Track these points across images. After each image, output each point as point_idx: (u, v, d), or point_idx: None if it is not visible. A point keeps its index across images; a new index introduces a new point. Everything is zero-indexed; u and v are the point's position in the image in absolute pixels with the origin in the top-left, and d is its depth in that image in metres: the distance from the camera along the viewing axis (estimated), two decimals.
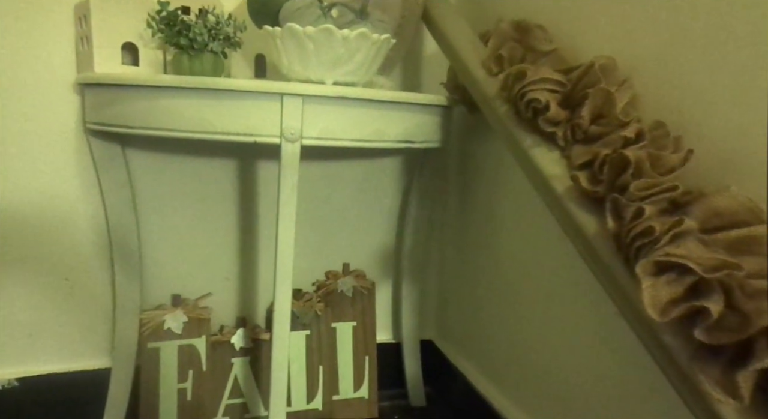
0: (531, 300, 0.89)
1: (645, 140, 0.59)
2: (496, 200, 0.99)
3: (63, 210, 0.93)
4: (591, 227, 0.60)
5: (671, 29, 0.62)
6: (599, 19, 0.73)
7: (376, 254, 1.16)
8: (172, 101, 0.73)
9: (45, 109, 0.88)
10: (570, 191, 0.64)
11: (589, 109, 0.64)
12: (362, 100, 0.79)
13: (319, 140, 0.78)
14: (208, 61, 0.80)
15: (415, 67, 1.11)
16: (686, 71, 0.60)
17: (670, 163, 0.54)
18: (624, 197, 0.55)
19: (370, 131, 0.82)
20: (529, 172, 0.71)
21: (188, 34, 0.77)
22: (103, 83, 0.77)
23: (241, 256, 1.06)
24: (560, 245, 0.81)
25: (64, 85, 0.87)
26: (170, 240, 1.01)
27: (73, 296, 0.96)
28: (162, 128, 0.74)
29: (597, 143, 0.64)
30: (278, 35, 0.76)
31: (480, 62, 0.81)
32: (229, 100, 0.74)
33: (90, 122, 0.82)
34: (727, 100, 0.55)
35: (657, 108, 0.63)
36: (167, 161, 0.98)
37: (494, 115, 0.77)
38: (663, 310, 0.46)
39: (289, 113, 0.75)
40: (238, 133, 0.75)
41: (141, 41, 0.83)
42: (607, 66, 0.66)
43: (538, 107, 0.68)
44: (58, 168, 0.91)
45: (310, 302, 1.07)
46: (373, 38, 0.78)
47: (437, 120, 0.91)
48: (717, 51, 0.56)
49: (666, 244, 0.48)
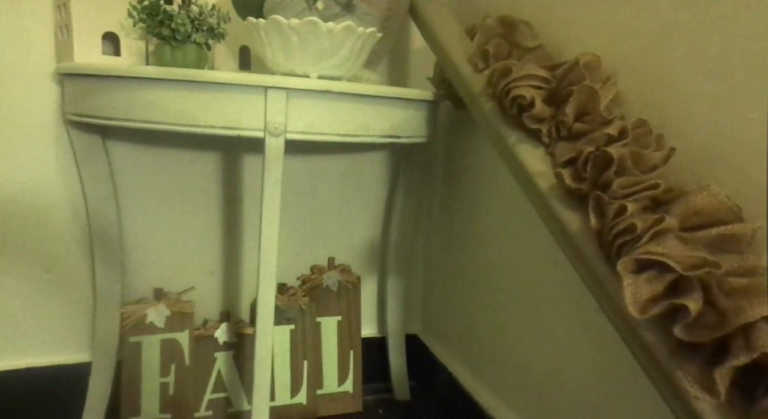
0: (515, 295, 0.90)
1: (628, 137, 0.59)
2: (481, 195, 0.99)
3: (43, 202, 0.91)
4: (574, 224, 0.60)
5: (654, 28, 0.62)
6: (584, 16, 0.73)
7: (361, 249, 1.15)
8: (154, 93, 0.72)
9: (23, 99, 0.86)
10: (554, 189, 0.64)
11: (573, 106, 0.64)
12: (348, 94, 0.79)
13: (304, 135, 0.78)
14: (191, 52, 0.79)
15: (402, 61, 1.11)
16: (668, 69, 0.60)
17: (652, 161, 0.55)
18: (607, 195, 0.55)
19: (355, 125, 0.81)
20: (514, 169, 0.71)
21: (171, 25, 0.76)
22: (83, 73, 0.75)
23: (225, 250, 1.05)
24: (545, 240, 0.81)
25: (43, 74, 0.86)
26: (153, 233, 1.00)
27: (53, 289, 0.95)
28: (144, 121, 0.73)
29: (581, 140, 0.64)
30: (262, 27, 0.75)
31: (466, 58, 0.81)
32: (212, 92, 0.72)
33: (70, 113, 0.81)
34: (708, 99, 0.56)
35: (640, 106, 0.64)
36: (149, 153, 0.96)
37: (480, 111, 0.77)
38: (643, 307, 0.46)
39: (273, 107, 0.75)
40: (222, 126, 0.74)
41: (122, 31, 0.81)
42: (591, 63, 0.66)
43: (523, 103, 0.68)
44: (38, 160, 0.89)
45: (295, 296, 1.07)
46: (358, 32, 0.77)
47: (423, 115, 0.90)
48: (698, 50, 0.56)
49: (647, 242, 0.49)
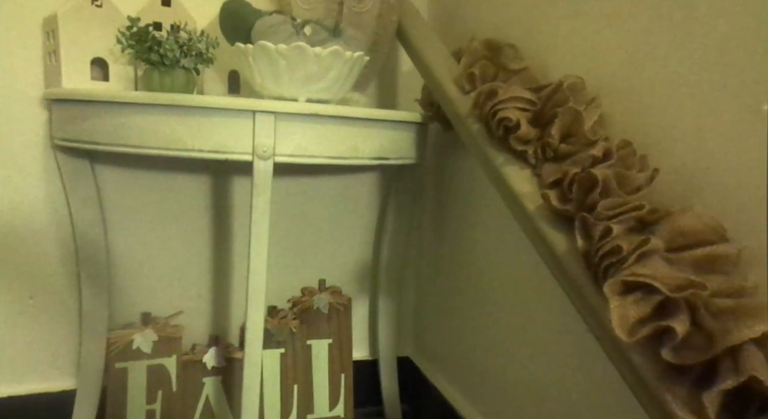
0: (507, 317, 0.89)
1: (613, 158, 0.60)
2: (471, 215, 0.99)
3: (29, 227, 0.90)
4: (561, 245, 0.60)
5: (636, 49, 0.63)
6: (567, 38, 0.74)
7: (352, 270, 1.15)
8: (143, 118, 0.72)
9: (11, 123, 0.86)
10: (541, 210, 0.64)
11: (559, 127, 0.65)
12: (336, 117, 0.79)
13: (292, 157, 0.78)
14: (180, 77, 0.79)
15: (390, 83, 1.12)
16: (650, 91, 0.61)
17: (636, 182, 0.55)
18: (592, 216, 0.55)
19: (344, 148, 0.82)
20: (501, 190, 0.72)
21: (159, 50, 0.76)
22: (71, 99, 0.76)
23: (214, 272, 1.04)
24: (535, 261, 0.81)
25: (31, 100, 0.86)
26: (140, 257, 0.99)
27: (38, 315, 0.93)
28: (132, 145, 0.73)
29: (567, 161, 0.65)
30: (250, 53, 0.76)
31: (453, 80, 0.82)
32: (200, 117, 0.73)
33: (58, 138, 0.80)
34: (690, 119, 0.57)
35: (624, 127, 0.64)
36: (137, 177, 0.96)
37: (467, 132, 0.77)
38: (631, 330, 0.46)
39: (261, 131, 0.75)
40: (210, 150, 0.74)
41: (111, 56, 0.82)
42: (575, 85, 0.67)
43: (509, 125, 0.68)
44: (25, 184, 0.88)
45: (285, 319, 1.06)
46: (346, 56, 0.78)
47: (412, 137, 0.91)
48: (679, 71, 0.57)
49: (633, 263, 0.49)
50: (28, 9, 0.83)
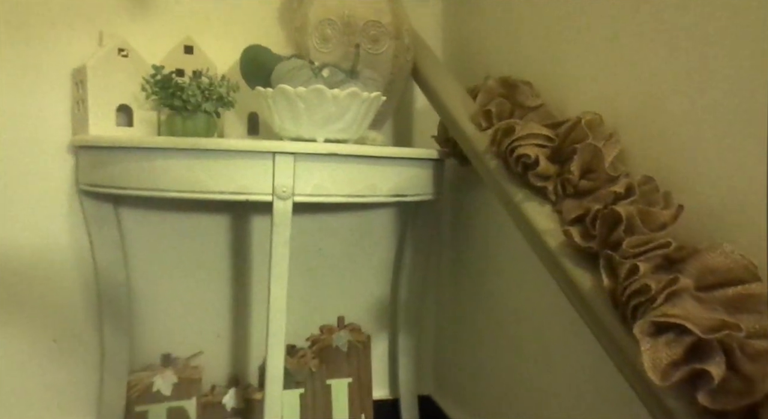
0: (530, 354, 0.87)
1: (635, 194, 0.59)
2: (490, 250, 0.99)
3: (54, 270, 0.91)
4: (586, 283, 0.59)
5: (653, 83, 0.63)
6: (583, 74, 0.75)
7: (371, 307, 1.14)
8: (165, 162, 0.74)
9: (39, 169, 0.88)
10: (563, 246, 0.63)
11: (578, 164, 0.64)
12: (354, 156, 0.80)
13: (312, 197, 0.79)
14: (202, 121, 0.81)
15: (406, 120, 1.13)
16: (669, 125, 0.61)
17: (661, 219, 0.54)
18: (617, 254, 0.55)
19: (362, 186, 0.82)
20: (521, 226, 0.71)
21: (182, 96, 0.79)
22: (96, 145, 0.78)
23: (234, 312, 1.04)
24: (557, 296, 0.80)
25: (59, 146, 0.88)
26: (161, 297, 0.99)
27: (61, 357, 0.94)
28: (155, 189, 0.74)
29: (587, 197, 0.64)
30: (270, 96, 0.77)
31: (469, 117, 0.83)
32: (221, 159, 0.74)
33: (83, 183, 0.82)
34: (712, 153, 0.56)
35: (644, 162, 0.64)
36: (159, 218, 0.97)
37: (485, 169, 0.78)
38: (664, 373, 0.45)
39: (281, 171, 0.76)
40: (231, 191, 0.75)
41: (136, 103, 0.84)
42: (593, 121, 0.67)
43: (528, 162, 0.68)
44: (50, 228, 0.90)
45: (304, 358, 1.05)
46: (363, 96, 0.79)
47: (429, 173, 0.91)
48: (698, 104, 0.57)
49: (662, 303, 0.48)
50: (58, 61, 0.86)
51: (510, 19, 0.91)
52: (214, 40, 0.93)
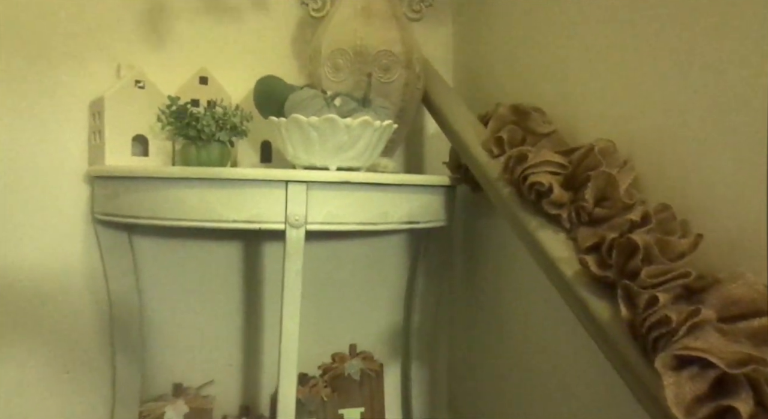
0: (546, 383, 0.85)
1: (651, 223, 0.58)
2: (504, 276, 0.97)
3: (67, 299, 0.92)
4: (604, 313, 0.58)
5: (668, 111, 0.63)
6: (595, 100, 0.75)
7: (383, 335, 1.13)
8: (179, 191, 0.74)
9: (55, 198, 0.89)
10: (579, 275, 0.62)
11: (592, 191, 0.64)
12: (366, 184, 0.80)
13: (324, 225, 0.79)
14: (216, 150, 0.82)
15: (418, 147, 1.14)
16: (685, 151, 0.61)
17: (679, 248, 0.53)
18: (635, 284, 0.54)
19: (374, 213, 0.82)
20: (536, 254, 0.71)
21: (197, 126, 0.80)
22: (112, 176, 0.79)
23: (245, 340, 1.04)
24: (574, 325, 0.78)
25: (75, 175, 0.89)
26: (173, 326, 0.99)
27: (74, 388, 0.93)
28: (169, 218, 0.75)
29: (603, 225, 0.64)
30: (283, 125, 0.78)
31: (480, 144, 0.83)
32: (234, 188, 0.74)
33: (99, 213, 0.83)
34: (730, 179, 0.56)
35: (660, 190, 0.63)
36: (172, 247, 0.98)
37: (498, 196, 0.77)
38: (688, 409, 0.43)
39: (293, 199, 0.76)
40: (244, 220, 0.75)
41: (151, 133, 0.85)
42: (606, 149, 0.67)
43: (541, 189, 0.68)
44: (64, 257, 0.90)
45: (316, 387, 1.03)
46: (375, 125, 0.80)
47: (441, 200, 0.91)
48: (713, 129, 0.57)
49: (684, 336, 0.47)
50: (77, 91, 0.88)
51: (520, 46, 0.92)
52: (228, 71, 0.95)
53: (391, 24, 0.90)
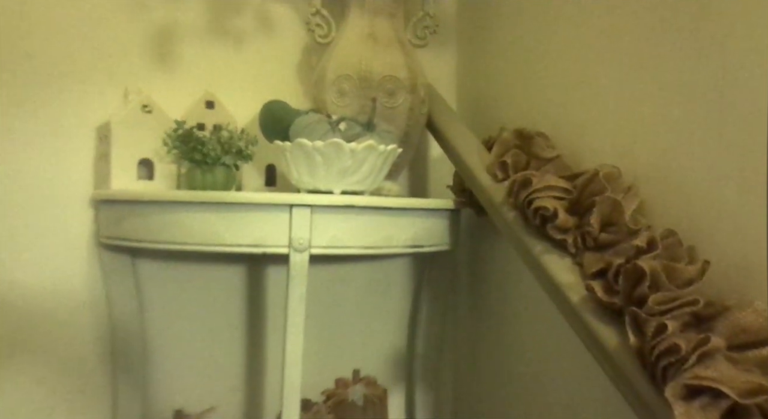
0: (553, 408, 0.84)
1: (657, 248, 0.58)
2: (509, 301, 0.97)
3: (69, 323, 0.91)
4: (611, 340, 0.57)
5: (672, 137, 0.63)
6: (599, 125, 0.75)
7: (387, 360, 1.11)
8: (184, 215, 0.74)
9: (60, 221, 0.89)
10: (586, 301, 0.62)
11: (597, 217, 0.64)
12: (370, 207, 0.80)
13: (328, 249, 0.78)
14: (221, 174, 0.82)
15: (422, 170, 1.14)
16: (689, 176, 0.61)
17: (686, 275, 0.53)
18: (643, 311, 0.53)
19: (378, 237, 0.82)
20: (541, 279, 0.70)
21: (202, 150, 0.80)
22: (117, 200, 0.79)
23: (248, 365, 1.02)
24: (580, 350, 0.77)
25: (80, 199, 0.89)
26: (175, 351, 0.98)
27: (74, 413, 0.92)
28: (172, 242, 0.75)
29: (608, 250, 0.63)
30: (288, 149, 0.79)
31: (485, 168, 0.83)
32: (239, 212, 0.75)
33: (103, 236, 0.83)
34: (735, 205, 0.55)
35: (665, 215, 0.63)
36: (176, 270, 0.97)
37: (502, 220, 0.77)
38: None
39: (298, 223, 0.76)
40: (248, 244, 0.75)
41: (157, 157, 0.86)
42: (611, 174, 0.67)
43: (546, 214, 0.68)
44: (67, 280, 0.90)
45: (319, 413, 1.02)
46: (380, 149, 0.80)
47: (445, 223, 0.91)
48: (719, 158, 0.57)
49: (694, 364, 0.46)
50: (84, 116, 0.89)
51: (523, 72, 0.93)
52: (234, 95, 0.96)
53: (396, 50, 0.91)
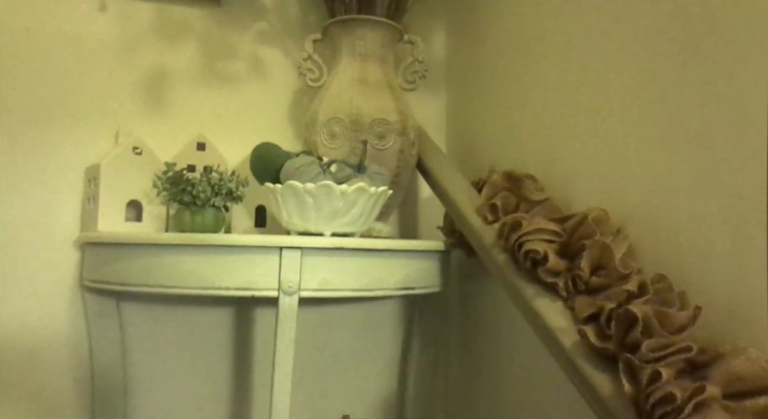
0: None
1: (648, 293, 0.58)
2: (501, 344, 0.95)
3: (49, 367, 0.88)
4: (605, 387, 0.56)
5: (658, 181, 0.64)
6: (586, 168, 0.76)
7: (377, 405, 1.08)
8: (171, 258, 0.73)
9: (44, 263, 0.88)
10: (578, 346, 0.61)
11: (588, 261, 0.64)
12: (361, 249, 0.80)
13: (318, 292, 0.77)
14: (210, 215, 0.82)
15: (412, 211, 1.14)
16: (677, 220, 0.61)
17: (679, 321, 0.53)
18: (637, 357, 0.52)
19: (369, 279, 0.81)
20: (533, 323, 0.69)
21: (192, 192, 0.80)
22: (103, 242, 0.78)
23: (234, 412, 0.99)
24: (574, 395, 0.76)
25: (65, 241, 0.88)
26: (158, 396, 0.95)
27: None
28: (158, 285, 0.74)
29: (600, 294, 0.63)
30: (279, 192, 0.79)
31: (475, 210, 0.84)
32: (228, 255, 0.74)
33: (87, 279, 0.82)
34: (723, 248, 0.56)
35: (655, 259, 0.63)
36: (161, 313, 0.95)
37: (493, 263, 0.77)
38: None
39: (287, 266, 0.75)
40: (236, 287, 0.74)
41: (146, 198, 0.85)
42: (600, 218, 0.68)
43: (537, 257, 0.68)
44: (49, 324, 0.88)
45: None
46: (370, 191, 0.80)
47: (436, 265, 0.90)
48: (706, 202, 0.58)
49: (690, 414, 0.45)
50: (74, 157, 0.89)
51: (512, 115, 0.95)
52: (226, 137, 0.96)
53: (386, 94, 0.93)
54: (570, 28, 0.80)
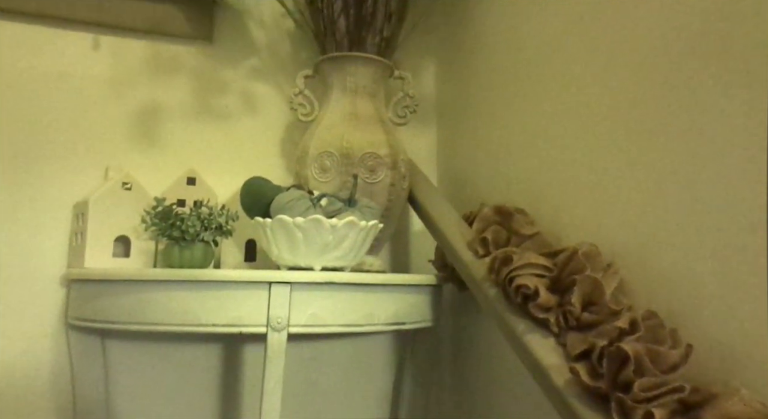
0: None
1: (640, 330, 0.57)
2: (493, 379, 0.94)
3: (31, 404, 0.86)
4: None
5: (646, 216, 0.64)
6: (577, 203, 0.76)
7: None
8: (159, 294, 0.72)
9: (28, 301, 0.86)
10: (570, 384, 0.60)
11: (579, 296, 0.63)
12: (351, 284, 0.79)
13: (307, 327, 0.76)
14: (199, 250, 0.81)
15: (403, 245, 1.14)
16: (668, 256, 0.61)
17: (671, 359, 0.52)
18: (629, 397, 0.52)
19: (359, 314, 0.80)
20: (525, 359, 0.68)
21: (181, 227, 0.79)
22: (89, 279, 0.77)
23: None
24: None
25: (51, 278, 0.87)
26: None
27: None
28: (144, 323, 0.72)
29: (591, 331, 0.62)
30: (268, 226, 0.78)
31: (466, 244, 0.83)
32: (216, 291, 0.73)
33: (72, 317, 0.80)
34: (715, 288, 0.55)
35: (646, 294, 0.63)
36: (147, 351, 0.93)
37: (484, 297, 0.76)
38: None
39: (276, 301, 0.74)
40: (224, 324, 0.73)
41: (134, 233, 0.85)
42: (590, 252, 0.68)
43: (528, 293, 0.67)
44: (31, 363, 0.86)
45: None
46: (361, 225, 0.80)
47: (428, 299, 0.90)
48: (697, 239, 0.58)
49: None
50: (63, 193, 0.89)
51: (502, 149, 0.96)
52: (216, 171, 0.97)
53: (377, 128, 0.94)
54: (559, 64, 0.81)
